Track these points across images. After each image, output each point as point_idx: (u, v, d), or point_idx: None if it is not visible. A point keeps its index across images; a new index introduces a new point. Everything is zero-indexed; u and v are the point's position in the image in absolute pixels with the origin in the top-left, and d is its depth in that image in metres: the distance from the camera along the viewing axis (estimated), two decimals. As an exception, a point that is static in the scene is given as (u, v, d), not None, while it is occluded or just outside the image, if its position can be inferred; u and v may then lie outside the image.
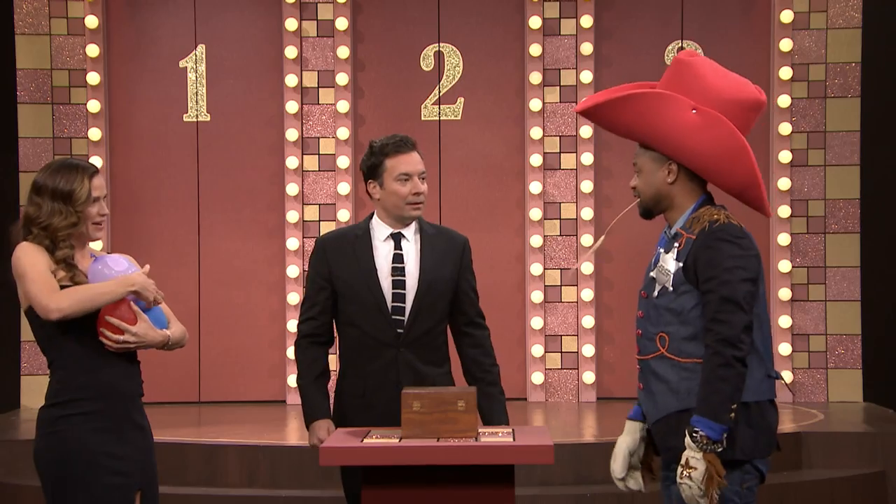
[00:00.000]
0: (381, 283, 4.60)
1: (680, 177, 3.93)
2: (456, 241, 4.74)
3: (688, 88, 3.90)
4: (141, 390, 4.29)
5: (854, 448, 7.26)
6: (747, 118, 3.94)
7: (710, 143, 3.85)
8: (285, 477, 6.80)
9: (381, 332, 4.59)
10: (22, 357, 8.91)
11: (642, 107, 3.90)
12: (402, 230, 4.66)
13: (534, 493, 6.56)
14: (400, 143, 4.63)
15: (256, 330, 9.04)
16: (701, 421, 3.71)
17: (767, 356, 3.87)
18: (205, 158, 9.07)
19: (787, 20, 8.90)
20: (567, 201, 9.04)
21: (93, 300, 4.05)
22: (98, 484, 4.10)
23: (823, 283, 8.96)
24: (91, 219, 4.20)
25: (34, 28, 8.96)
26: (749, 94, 3.95)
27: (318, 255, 4.68)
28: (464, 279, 4.71)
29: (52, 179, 4.19)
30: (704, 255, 3.82)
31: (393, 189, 4.61)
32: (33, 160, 8.93)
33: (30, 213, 4.22)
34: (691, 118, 3.86)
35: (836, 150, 8.95)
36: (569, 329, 9.00)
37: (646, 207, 4.02)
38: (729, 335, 3.73)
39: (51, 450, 4.13)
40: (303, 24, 9.07)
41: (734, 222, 3.86)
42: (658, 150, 3.93)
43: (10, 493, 6.93)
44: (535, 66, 9.02)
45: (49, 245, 4.15)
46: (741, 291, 3.75)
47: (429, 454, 3.88)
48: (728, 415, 3.71)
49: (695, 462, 3.71)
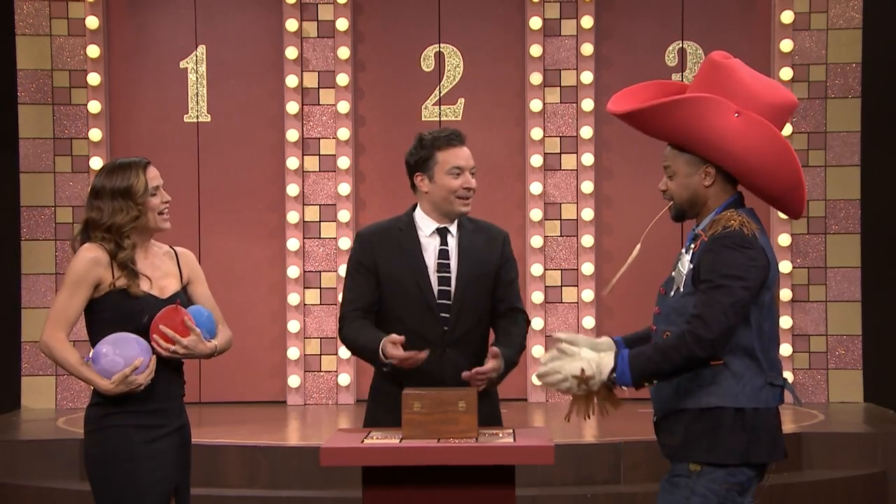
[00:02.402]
0: (430, 279, 4.52)
1: (717, 180, 3.91)
2: (496, 235, 4.68)
3: (726, 91, 3.86)
4: (182, 391, 4.41)
5: (854, 449, 7.26)
6: (783, 119, 3.93)
7: (754, 147, 3.82)
8: (286, 477, 6.80)
9: (427, 330, 4.48)
10: (23, 358, 8.91)
11: (687, 111, 3.85)
12: (448, 225, 4.59)
13: (534, 493, 6.56)
14: (452, 137, 4.56)
15: (257, 330, 9.04)
16: (624, 365, 3.79)
17: (770, 364, 3.85)
18: (205, 159, 9.07)
19: (788, 21, 8.90)
20: (568, 202, 9.04)
21: (72, 372, 4.24)
22: (140, 481, 4.20)
23: (824, 283, 8.96)
24: (155, 209, 4.30)
25: (35, 29, 8.96)
26: (785, 96, 3.94)
27: (364, 246, 4.56)
28: (505, 271, 4.63)
29: (109, 180, 4.29)
30: (707, 258, 3.82)
31: (444, 182, 4.53)
32: (34, 161, 8.93)
33: (93, 217, 4.30)
34: (734, 122, 3.82)
35: (837, 150, 8.95)
36: (569, 330, 8.99)
37: (680, 210, 3.98)
38: (703, 335, 3.73)
39: (95, 447, 4.25)
40: (303, 25, 9.07)
41: (746, 230, 3.81)
42: (698, 153, 3.89)
43: (12, 494, 6.93)
44: (535, 67, 9.02)
45: (113, 248, 4.24)
46: (731, 298, 3.74)
47: (429, 455, 3.88)
48: (643, 382, 3.79)
49: (591, 385, 3.78)
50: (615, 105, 4.01)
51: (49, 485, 6.92)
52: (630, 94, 4.05)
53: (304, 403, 8.96)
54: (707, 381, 3.81)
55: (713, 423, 3.80)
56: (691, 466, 3.82)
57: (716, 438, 3.78)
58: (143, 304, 4.25)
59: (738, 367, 3.81)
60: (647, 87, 4.06)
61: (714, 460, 3.78)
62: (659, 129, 3.94)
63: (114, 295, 4.23)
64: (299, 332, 8.99)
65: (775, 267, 3.89)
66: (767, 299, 3.85)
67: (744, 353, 3.82)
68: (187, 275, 4.45)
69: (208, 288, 4.53)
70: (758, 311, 3.83)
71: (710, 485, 3.79)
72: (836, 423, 7.93)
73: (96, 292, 4.25)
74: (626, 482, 6.73)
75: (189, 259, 4.50)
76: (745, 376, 3.80)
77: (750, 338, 3.82)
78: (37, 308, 8.83)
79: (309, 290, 9.02)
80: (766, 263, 3.82)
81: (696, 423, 3.82)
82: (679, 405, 3.85)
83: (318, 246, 9.03)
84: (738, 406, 3.79)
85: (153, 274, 4.32)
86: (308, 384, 8.98)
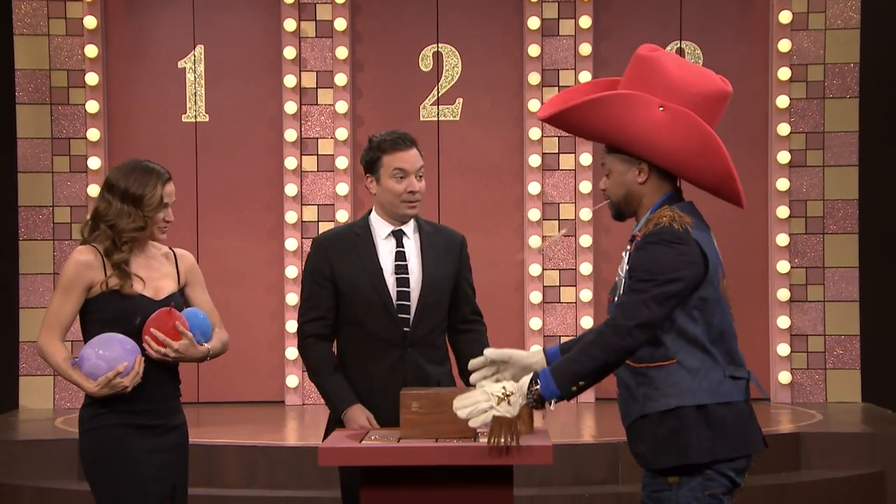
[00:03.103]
0: (386, 282, 4.55)
1: (651, 176, 3.83)
2: (454, 238, 4.71)
3: (653, 85, 3.77)
4: (178, 391, 4.40)
5: (853, 448, 7.26)
6: (715, 110, 3.80)
7: (681, 141, 3.73)
8: (284, 477, 6.80)
9: (387, 332, 4.53)
10: (21, 357, 8.91)
11: (608, 110, 3.77)
12: (402, 227, 4.61)
13: (532, 493, 6.56)
14: (397, 140, 4.56)
15: (255, 330, 9.04)
16: (547, 377, 3.69)
17: (728, 359, 3.78)
18: (203, 159, 9.07)
19: (786, 21, 8.90)
20: (566, 202, 9.04)
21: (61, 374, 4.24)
22: (137, 479, 4.20)
23: (822, 283, 8.96)
24: (157, 223, 4.28)
25: (33, 28, 8.96)
26: (715, 85, 3.80)
27: (319, 253, 4.60)
28: (462, 277, 4.68)
29: (126, 180, 4.27)
30: (637, 256, 3.75)
31: (388, 185, 4.54)
32: (32, 161, 8.93)
33: (100, 208, 4.29)
34: (659, 116, 3.74)
35: (835, 150, 8.95)
36: (567, 329, 9.00)
37: (617, 208, 3.91)
38: (620, 323, 3.67)
39: (91, 446, 4.24)
40: (301, 25, 9.07)
41: (676, 225, 3.73)
42: (627, 151, 3.81)
43: (10, 494, 6.92)
44: (533, 67, 9.02)
45: (109, 246, 4.23)
46: (655, 290, 3.66)
47: (427, 455, 3.87)
48: (571, 387, 3.69)
49: (513, 402, 3.67)
50: (541, 111, 3.94)
51: (47, 485, 6.92)
52: (560, 97, 3.95)
53: (303, 403, 8.96)
54: (663, 383, 3.74)
55: (677, 425, 3.72)
56: (669, 479, 3.78)
57: (682, 440, 3.71)
58: (136, 305, 4.23)
59: (693, 363, 3.73)
60: (580, 89, 3.98)
61: (686, 461, 3.72)
62: (584, 130, 3.86)
63: (106, 296, 4.21)
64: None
65: (716, 260, 3.79)
66: (711, 294, 3.75)
67: (695, 347, 3.74)
68: (185, 276, 4.43)
69: (207, 290, 4.52)
70: (704, 306, 3.73)
71: (692, 493, 3.73)
72: (835, 422, 7.94)
73: (89, 293, 4.24)
74: (624, 482, 6.73)
75: (188, 261, 4.48)
76: (701, 371, 3.73)
77: (696, 332, 3.74)
78: (35, 308, 8.82)
79: (307, 290, 9.01)
80: (698, 258, 3.73)
81: (661, 426, 3.74)
82: (641, 411, 3.78)
83: (316, 246, 9.02)
84: (699, 403, 3.71)
85: (149, 275, 4.30)
86: (306, 384, 8.97)
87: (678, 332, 3.74)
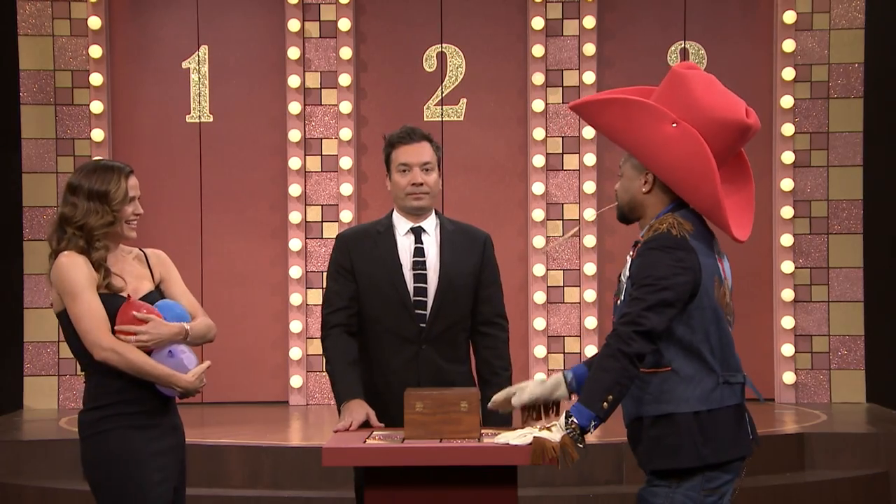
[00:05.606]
0: (404, 277, 4.56)
1: (655, 188, 3.91)
2: (477, 236, 4.72)
3: (675, 101, 3.85)
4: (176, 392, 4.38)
5: (857, 449, 7.26)
6: (729, 139, 3.84)
7: (682, 159, 3.80)
8: (288, 477, 6.80)
9: (403, 328, 4.54)
10: (25, 358, 8.92)
11: (624, 113, 3.87)
12: (421, 224, 4.63)
13: (536, 493, 6.56)
14: (404, 134, 4.62)
15: (259, 331, 9.05)
16: (577, 406, 3.76)
17: (722, 365, 3.84)
18: (207, 159, 9.07)
19: (790, 21, 8.90)
20: (570, 202, 9.04)
21: (140, 372, 4.19)
22: (143, 482, 4.19)
23: (826, 283, 8.95)
24: (126, 217, 4.28)
25: (37, 29, 8.97)
26: (735, 114, 3.83)
27: (340, 249, 4.64)
28: (485, 275, 4.67)
29: (88, 180, 4.27)
30: (637, 263, 3.84)
31: (395, 180, 4.62)
32: (36, 161, 8.94)
33: (65, 213, 4.27)
34: (670, 132, 3.81)
35: (839, 150, 8.95)
36: (571, 330, 9.00)
37: (621, 212, 4.02)
38: (622, 330, 3.74)
39: (96, 451, 4.22)
40: (305, 25, 9.08)
41: (675, 232, 3.80)
42: (637, 158, 3.91)
43: (14, 494, 6.93)
44: (537, 67, 9.02)
45: (84, 246, 4.21)
46: (655, 297, 3.73)
47: (431, 455, 3.88)
48: (601, 403, 3.72)
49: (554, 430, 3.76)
50: (576, 101, 4.09)
51: (51, 485, 6.93)
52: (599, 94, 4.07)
53: (307, 404, 8.96)
54: (658, 389, 3.82)
55: (669, 430, 3.81)
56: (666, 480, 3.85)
57: (674, 445, 3.80)
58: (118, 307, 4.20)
59: (688, 371, 3.81)
60: (615, 92, 4.06)
61: (676, 465, 3.80)
62: (604, 128, 3.97)
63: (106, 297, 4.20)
64: (301, 332, 8.99)
65: (713, 269, 3.85)
66: (707, 303, 3.81)
67: (691, 355, 3.81)
68: (159, 274, 4.43)
69: (183, 283, 4.51)
70: (700, 315, 3.81)
71: (688, 493, 3.81)
72: (839, 423, 7.93)
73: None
74: (629, 483, 6.72)
75: (159, 258, 4.48)
76: (695, 379, 3.80)
77: (693, 340, 3.81)
78: (39, 308, 8.83)
79: (311, 291, 9.02)
80: (696, 264, 3.79)
81: (654, 430, 3.84)
82: (637, 413, 3.89)
83: (320, 246, 9.03)
84: (692, 410, 3.80)
85: (126, 278, 4.29)
86: (310, 384, 8.98)
87: (674, 340, 3.82)
